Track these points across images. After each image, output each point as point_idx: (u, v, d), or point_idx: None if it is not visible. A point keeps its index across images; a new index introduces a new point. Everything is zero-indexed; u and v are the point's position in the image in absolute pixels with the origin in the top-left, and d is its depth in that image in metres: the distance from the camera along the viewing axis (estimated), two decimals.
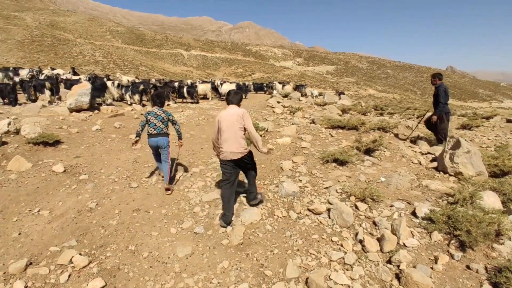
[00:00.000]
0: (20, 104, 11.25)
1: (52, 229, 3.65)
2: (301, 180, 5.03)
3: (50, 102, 11.08)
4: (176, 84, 15.75)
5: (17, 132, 6.29)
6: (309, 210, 4.18)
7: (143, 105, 11.94)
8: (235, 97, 4.04)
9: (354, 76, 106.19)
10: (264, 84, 23.97)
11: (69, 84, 12.75)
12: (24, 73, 17.04)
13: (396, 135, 8.34)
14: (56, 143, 6.29)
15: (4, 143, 5.82)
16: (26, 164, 5.19)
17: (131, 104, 11.96)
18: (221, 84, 16.54)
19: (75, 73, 18.97)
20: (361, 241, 3.55)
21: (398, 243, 3.39)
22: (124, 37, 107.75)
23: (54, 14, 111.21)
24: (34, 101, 11.72)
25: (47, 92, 11.31)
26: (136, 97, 11.96)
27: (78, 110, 9.30)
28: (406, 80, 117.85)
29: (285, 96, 16.19)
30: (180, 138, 5.09)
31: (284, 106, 12.52)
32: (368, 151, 6.38)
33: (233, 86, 16.13)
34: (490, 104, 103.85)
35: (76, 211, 3.99)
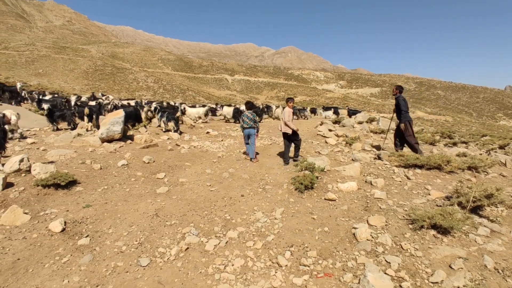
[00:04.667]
0: (60, 129, 10.96)
1: None
2: (389, 263, 3.26)
3: (88, 130, 10.60)
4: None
5: (29, 170, 5.37)
6: None
7: (180, 133, 10.98)
8: (288, 100, 7.28)
9: None
10: (260, 107, 21.99)
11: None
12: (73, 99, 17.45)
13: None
14: (71, 184, 5.24)
15: (10, 184, 4.87)
16: (22, 217, 4.10)
17: (166, 131, 11.05)
18: (221, 107, 18.05)
19: (94, 98, 19.41)
20: None
21: None
22: (174, 65, 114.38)
23: (115, 46, 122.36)
24: (74, 128, 11.38)
25: (85, 119, 10.87)
26: (172, 124, 10.99)
27: (110, 140, 8.48)
28: (460, 101, 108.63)
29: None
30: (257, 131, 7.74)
31: (337, 135, 10.76)
32: (476, 209, 4.43)
33: (231, 109, 16.65)
34: None
35: None
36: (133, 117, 10.60)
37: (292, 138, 7.19)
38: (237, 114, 16.08)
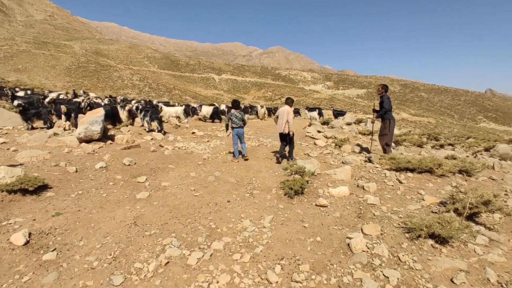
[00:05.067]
0: (35, 128, 10.31)
1: None
2: (388, 278, 3.02)
3: (65, 129, 10.02)
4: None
5: None
6: None
7: (164, 133, 10.53)
8: (288, 101, 7.31)
9: None
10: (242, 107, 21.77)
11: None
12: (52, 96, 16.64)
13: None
14: (41, 189, 4.79)
15: None
16: None
17: (149, 131, 10.58)
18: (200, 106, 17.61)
19: (75, 96, 18.80)
20: None
21: None
22: (160, 63, 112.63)
23: (99, 43, 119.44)
24: (50, 127, 10.76)
25: (63, 118, 10.28)
26: (155, 123, 10.51)
27: (88, 140, 7.99)
28: (442, 104, 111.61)
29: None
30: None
31: (326, 137, 10.58)
32: (472, 216, 4.27)
33: (211, 109, 16.44)
34: None
35: None
36: (109, 116, 10.02)
37: (289, 138, 7.22)
38: (215, 115, 15.79)
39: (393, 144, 10.90)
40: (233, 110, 7.71)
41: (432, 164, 6.37)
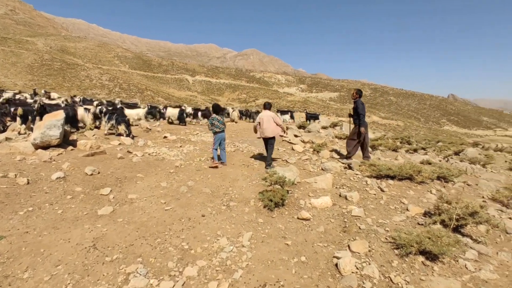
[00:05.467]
0: None
1: None
2: None
3: (20, 133, 9.05)
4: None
5: None
6: None
7: (133, 137, 9.84)
8: (267, 106, 7.30)
9: None
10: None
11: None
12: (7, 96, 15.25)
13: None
14: None
15: None
16: None
17: (118, 135, 9.84)
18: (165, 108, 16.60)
19: (35, 95, 17.67)
20: None
21: None
22: (131, 63, 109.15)
23: (65, 40, 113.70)
24: (3, 131, 9.73)
25: (18, 120, 9.30)
26: (122, 127, 9.77)
27: (46, 146, 7.21)
28: (409, 107, 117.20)
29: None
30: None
31: (304, 142, 10.39)
32: (458, 227, 4.13)
33: (176, 111, 15.69)
34: (495, 132, 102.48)
35: None
36: (68, 120, 9.16)
37: (271, 142, 7.13)
38: (182, 116, 15.25)
39: (369, 149, 10.93)
40: (214, 115, 7.33)
41: (412, 171, 6.29)
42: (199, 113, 16.62)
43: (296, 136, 11.23)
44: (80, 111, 10.39)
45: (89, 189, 5.25)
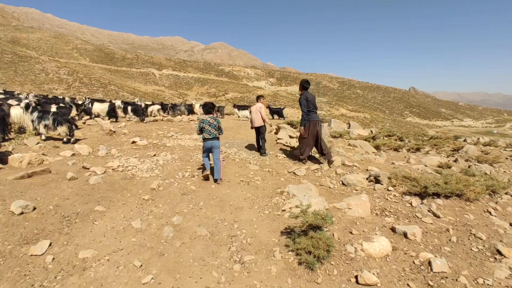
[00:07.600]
0: None
1: None
2: None
3: None
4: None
5: None
6: None
7: (76, 141, 7.68)
8: (258, 98, 7.78)
9: (325, 96, 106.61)
10: (169, 105, 19.45)
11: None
12: None
13: None
14: None
15: None
16: None
17: (68, 142, 7.62)
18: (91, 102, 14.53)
19: None
20: None
21: None
22: (92, 55, 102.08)
23: (17, 31, 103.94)
24: None
25: None
26: (63, 128, 7.51)
27: None
28: (375, 100, 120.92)
29: None
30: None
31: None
32: None
33: (106, 106, 13.95)
34: (452, 122, 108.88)
35: None
36: None
37: (262, 133, 7.69)
38: (112, 112, 13.25)
39: (373, 150, 9.63)
40: (205, 116, 5.55)
41: (462, 185, 4.94)
42: (129, 108, 14.44)
43: (291, 137, 9.65)
44: (15, 110, 7.98)
45: (12, 243, 3.26)
